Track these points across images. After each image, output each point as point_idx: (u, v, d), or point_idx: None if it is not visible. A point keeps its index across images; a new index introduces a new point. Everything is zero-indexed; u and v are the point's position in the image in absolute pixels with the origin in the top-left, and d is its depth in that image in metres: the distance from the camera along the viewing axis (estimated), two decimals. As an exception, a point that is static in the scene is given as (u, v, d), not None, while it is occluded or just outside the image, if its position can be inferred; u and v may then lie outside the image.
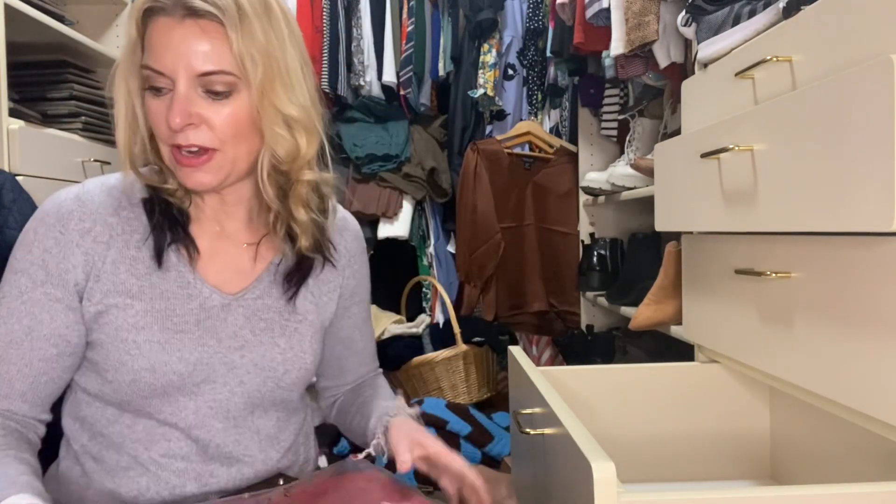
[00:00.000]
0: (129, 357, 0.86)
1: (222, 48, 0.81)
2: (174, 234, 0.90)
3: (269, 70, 0.83)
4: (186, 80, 0.81)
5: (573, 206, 2.52)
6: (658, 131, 1.96)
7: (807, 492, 0.73)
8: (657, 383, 1.30)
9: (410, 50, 2.69)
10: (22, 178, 1.61)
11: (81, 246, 0.86)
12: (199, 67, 0.80)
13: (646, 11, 1.59)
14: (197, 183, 0.86)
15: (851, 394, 0.85)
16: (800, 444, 1.20)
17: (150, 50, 0.82)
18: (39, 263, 0.86)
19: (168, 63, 0.81)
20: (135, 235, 0.89)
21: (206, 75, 0.81)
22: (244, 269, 0.95)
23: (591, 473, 0.70)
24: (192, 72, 0.81)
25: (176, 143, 0.83)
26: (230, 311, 0.92)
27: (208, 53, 0.80)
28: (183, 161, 0.84)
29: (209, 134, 0.83)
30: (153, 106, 0.84)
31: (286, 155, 0.87)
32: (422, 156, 2.75)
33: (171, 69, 0.81)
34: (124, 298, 0.87)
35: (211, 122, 0.83)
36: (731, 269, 1.12)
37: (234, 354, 0.91)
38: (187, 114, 0.81)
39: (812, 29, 0.93)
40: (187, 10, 0.80)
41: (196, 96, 0.82)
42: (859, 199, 0.77)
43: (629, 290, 1.89)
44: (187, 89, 0.81)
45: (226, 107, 0.83)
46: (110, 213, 0.89)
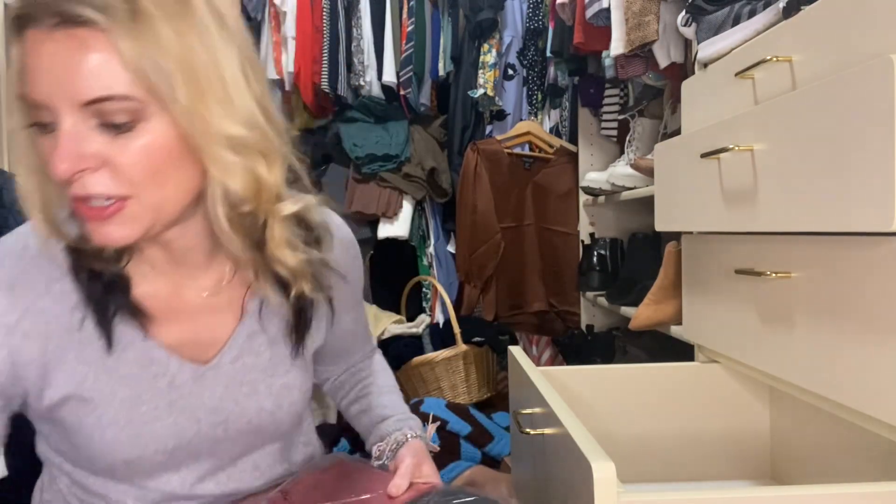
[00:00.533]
0: (100, 453, 0.75)
1: (113, 65, 0.60)
2: (115, 304, 0.73)
3: (195, 83, 0.63)
4: (70, 111, 0.61)
5: (573, 206, 2.53)
6: (658, 131, 1.96)
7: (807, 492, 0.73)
8: (657, 383, 1.30)
9: (410, 50, 2.69)
10: (22, 178, 1.60)
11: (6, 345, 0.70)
12: (82, 95, 0.60)
13: (646, 11, 1.59)
14: (106, 238, 0.66)
15: (851, 394, 0.85)
16: (800, 444, 1.20)
17: (24, 74, 0.62)
18: None
19: (43, 90, 0.61)
20: (76, 313, 0.72)
21: (95, 103, 0.61)
22: (215, 325, 0.80)
23: (591, 473, 0.70)
24: (74, 100, 0.61)
25: (73, 195, 0.64)
26: (205, 383, 0.78)
27: (94, 73, 0.60)
28: (86, 213, 0.65)
29: (113, 180, 0.64)
30: (42, 146, 0.64)
31: (245, 189, 0.68)
32: (422, 156, 2.75)
33: (47, 97, 0.61)
34: (80, 390, 0.73)
35: (114, 163, 0.63)
36: (731, 269, 1.12)
37: (217, 430, 0.79)
38: (77, 157, 0.62)
39: (812, 29, 0.93)
40: (59, 17, 0.60)
41: (89, 132, 0.62)
42: (859, 199, 0.77)
43: (629, 290, 1.89)
44: (74, 124, 0.61)
45: (133, 140, 0.63)
46: (41, 294, 0.71)
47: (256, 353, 0.81)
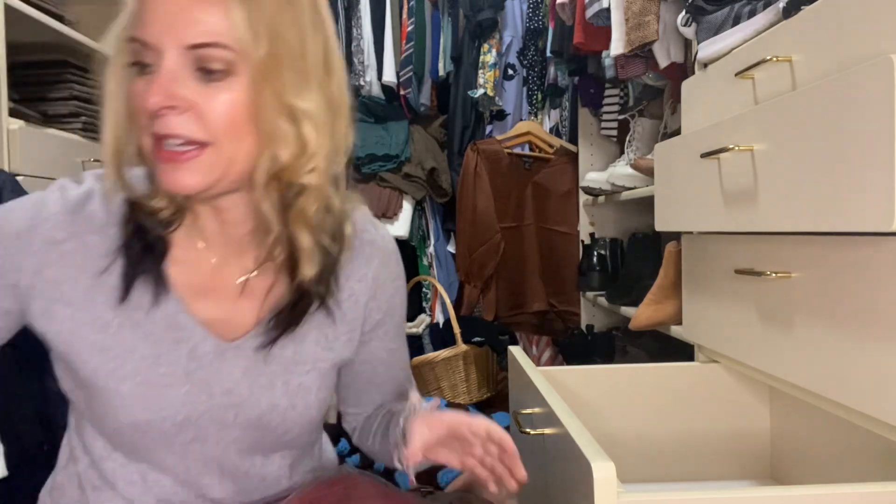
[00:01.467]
0: (112, 409, 0.74)
1: (221, 17, 0.66)
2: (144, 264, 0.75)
3: (276, 49, 0.67)
4: (175, 52, 0.66)
5: (573, 206, 2.52)
6: (658, 131, 1.96)
7: (807, 492, 0.73)
8: (657, 383, 1.30)
9: (410, 50, 2.69)
10: (22, 178, 1.60)
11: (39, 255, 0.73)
12: (190, 38, 0.65)
13: (646, 11, 1.59)
14: (176, 184, 0.68)
15: (851, 394, 0.85)
16: (800, 444, 1.20)
17: (137, 17, 0.68)
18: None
19: (155, 31, 0.66)
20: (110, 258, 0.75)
21: (199, 48, 0.66)
22: (246, 308, 0.80)
23: (591, 473, 0.70)
24: (181, 42, 0.65)
25: (154, 132, 0.67)
26: (225, 360, 0.78)
27: (205, 22, 0.65)
28: (164, 156, 0.68)
29: (197, 123, 0.67)
30: (136, 87, 0.68)
31: (290, 156, 0.70)
32: (422, 156, 2.75)
33: (157, 38, 0.66)
34: (102, 337, 0.74)
35: (200, 109, 0.67)
36: (731, 269, 1.12)
37: (228, 413, 0.78)
38: (170, 94, 0.65)
39: (812, 29, 0.93)
40: None
41: (186, 76, 0.66)
42: (859, 199, 0.77)
43: (629, 290, 1.89)
44: (175, 65, 0.66)
45: (222, 92, 0.67)
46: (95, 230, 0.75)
47: (281, 346, 0.80)
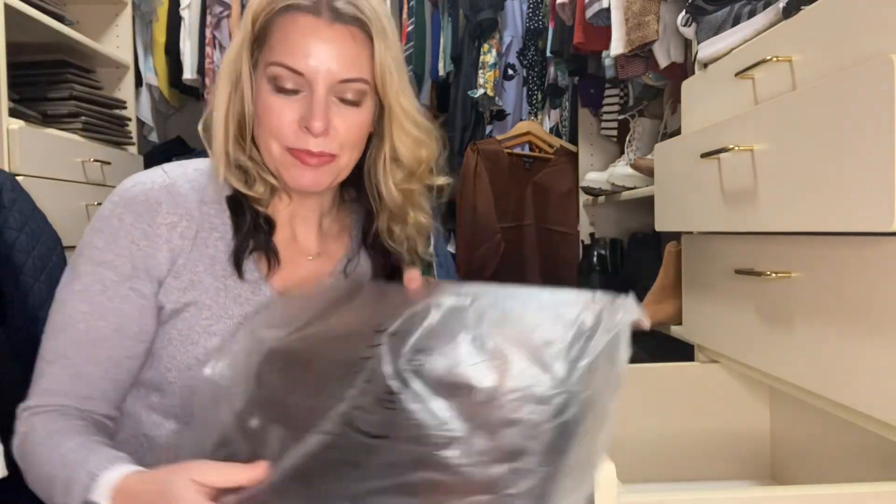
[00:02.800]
0: (196, 362, 0.82)
1: (364, 56, 0.81)
2: (257, 241, 0.86)
3: (402, 77, 0.84)
4: (327, 84, 0.80)
5: (573, 206, 2.52)
6: (658, 131, 1.96)
7: (807, 492, 0.73)
8: (657, 383, 1.30)
9: (410, 50, 2.69)
10: (22, 178, 1.60)
11: (169, 241, 0.82)
12: (342, 74, 0.80)
13: (646, 11, 1.59)
14: (312, 183, 0.84)
15: (851, 394, 0.85)
16: (800, 444, 1.20)
17: (286, 47, 0.80)
18: (126, 256, 0.81)
19: (310, 65, 0.79)
20: (213, 233, 0.85)
21: (345, 82, 0.80)
22: (309, 281, 0.91)
23: (591, 473, 0.70)
24: (334, 78, 0.79)
25: (305, 149, 0.81)
26: None
27: (353, 60, 0.80)
28: (304, 159, 0.82)
29: (335, 141, 0.82)
30: (275, 103, 0.81)
31: (411, 159, 0.88)
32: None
33: (312, 72, 0.79)
34: (202, 297, 0.84)
35: (338, 129, 0.82)
36: (731, 269, 1.12)
37: None
38: (327, 120, 0.80)
39: (812, 29, 0.93)
40: (335, 13, 0.79)
41: (330, 101, 0.81)
42: (859, 199, 0.77)
43: (629, 290, 1.88)
44: (327, 94, 0.80)
45: (355, 115, 0.82)
46: (195, 207, 0.85)
47: None
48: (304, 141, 0.81)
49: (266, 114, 0.82)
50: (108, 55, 2.28)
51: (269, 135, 0.82)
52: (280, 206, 0.90)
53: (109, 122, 2.21)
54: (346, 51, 0.80)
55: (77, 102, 2.02)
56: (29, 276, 1.42)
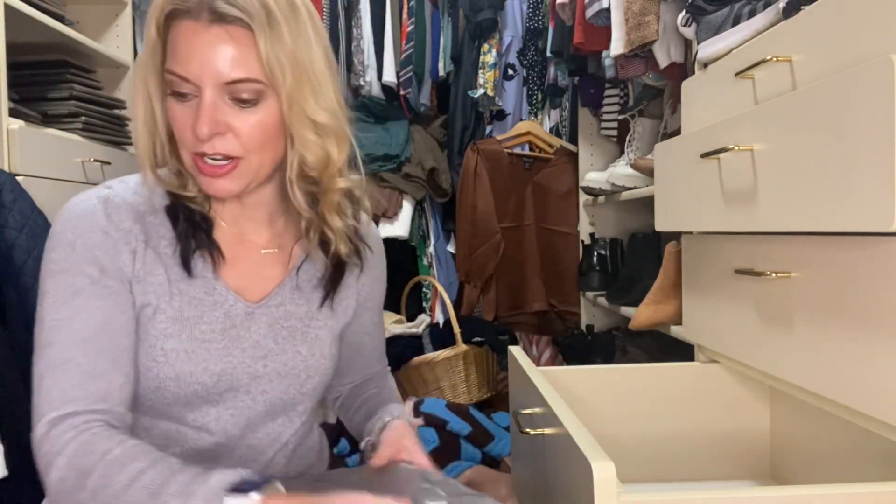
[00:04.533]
0: (156, 364, 0.84)
1: (250, 55, 0.78)
2: (198, 240, 0.88)
3: (299, 76, 0.80)
4: (213, 87, 0.78)
5: (573, 206, 2.52)
6: (658, 131, 1.96)
7: (807, 492, 0.73)
8: (657, 383, 1.30)
9: (410, 50, 2.68)
10: (22, 178, 1.60)
11: (128, 244, 0.84)
12: (226, 75, 0.78)
13: (646, 11, 1.59)
14: (220, 191, 0.83)
15: (851, 394, 0.85)
16: (800, 444, 1.21)
17: (173, 54, 0.79)
18: (90, 260, 0.82)
19: (193, 69, 0.78)
20: (161, 241, 0.87)
21: (234, 83, 0.78)
22: (265, 275, 0.93)
23: (591, 473, 0.70)
24: (219, 80, 0.78)
25: (201, 152, 0.81)
26: (253, 319, 0.91)
27: (236, 60, 0.78)
28: (205, 170, 0.82)
29: (235, 143, 0.81)
30: (176, 111, 0.81)
31: (316, 162, 0.85)
32: (422, 156, 2.75)
33: (196, 76, 0.78)
34: (158, 302, 0.85)
35: (237, 131, 0.80)
36: (731, 269, 1.12)
37: (258, 364, 0.90)
38: (214, 122, 0.79)
39: (812, 29, 0.93)
40: (214, 14, 0.77)
41: (222, 104, 0.79)
42: (859, 199, 0.77)
43: (629, 290, 1.89)
44: (214, 97, 0.79)
45: (253, 115, 0.80)
46: (139, 218, 0.86)
47: (296, 304, 0.94)
48: (199, 145, 0.80)
49: (172, 122, 0.82)
50: (108, 55, 2.27)
51: (179, 143, 0.83)
52: (222, 207, 0.91)
53: (109, 122, 2.20)
54: (227, 52, 0.77)
55: (77, 102, 2.01)
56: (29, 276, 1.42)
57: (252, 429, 0.92)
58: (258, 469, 0.91)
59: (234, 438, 0.90)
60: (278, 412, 0.93)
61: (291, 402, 0.94)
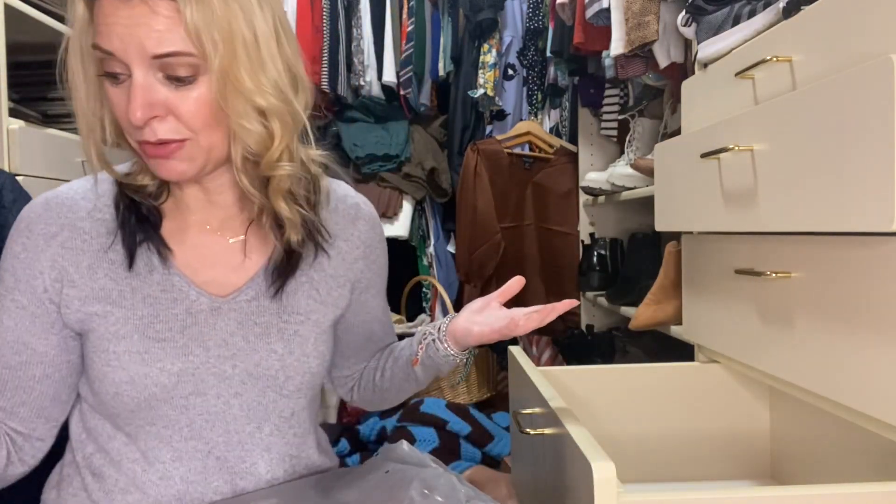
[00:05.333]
0: (110, 369, 0.80)
1: (178, 27, 0.71)
2: (144, 233, 0.83)
3: (233, 49, 0.72)
4: (142, 65, 0.71)
5: (573, 206, 2.52)
6: (658, 131, 1.96)
7: (807, 492, 0.73)
8: (657, 383, 1.30)
9: (410, 50, 2.68)
10: (22, 178, 1.60)
11: (47, 251, 0.81)
12: (152, 49, 0.70)
13: (646, 11, 1.59)
14: (171, 173, 0.77)
15: (851, 394, 0.85)
16: (800, 444, 1.20)
17: (98, 29, 0.73)
18: (9, 269, 0.82)
19: (117, 45, 0.71)
20: (109, 237, 0.83)
21: (163, 57, 0.71)
22: (236, 266, 0.86)
23: (591, 473, 0.70)
24: (145, 54, 0.71)
25: (142, 139, 0.75)
26: (220, 315, 0.84)
27: (162, 34, 0.70)
28: (150, 152, 0.75)
29: (176, 124, 0.74)
30: (113, 95, 0.75)
31: (255, 145, 0.77)
32: (422, 156, 2.75)
33: (122, 52, 0.71)
34: (104, 305, 0.81)
35: (177, 111, 0.73)
36: (731, 269, 1.12)
37: (225, 364, 0.83)
38: (149, 105, 0.72)
39: (812, 29, 0.93)
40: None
41: (157, 83, 0.72)
42: (859, 199, 0.77)
43: (629, 290, 1.89)
44: (145, 77, 0.72)
45: (192, 91, 0.73)
46: (81, 217, 0.83)
47: (271, 298, 0.87)
48: (138, 132, 0.74)
49: (111, 107, 0.76)
50: (108, 55, 2.27)
51: (123, 127, 0.77)
52: (183, 194, 0.85)
53: (109, 122, 2.21)
54: (152, 24, 0.70)
55: (77, 102, 2.01)
56: (29, 276, 1.41)
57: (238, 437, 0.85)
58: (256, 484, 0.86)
59: (217, 447, 0.84)
60: (262, 419, 0.86)
61: (273, 406, 0.87)
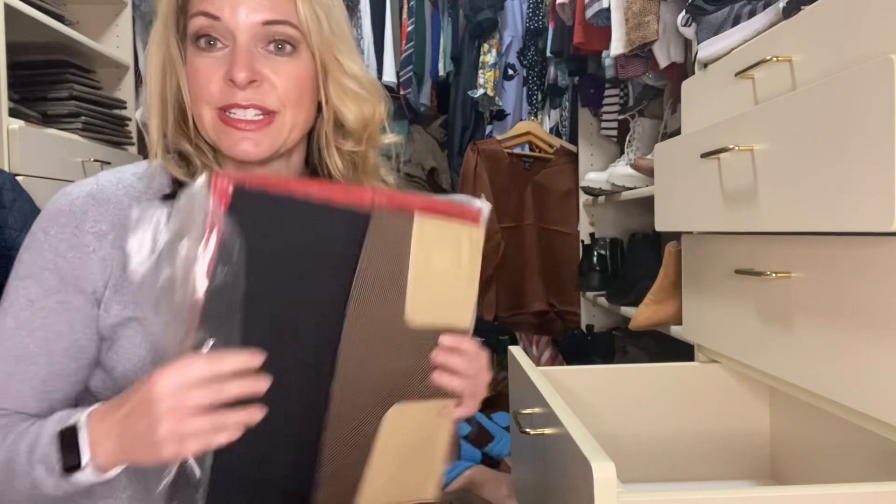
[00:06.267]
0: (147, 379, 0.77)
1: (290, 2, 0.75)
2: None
3: (334, 29, 0.77)
4: (249, 30, 0.73)
5: (573, 206, 2.52)
6: (658, 131, 1.96)
7: (807, 492, 0.73)
8: (657, 383, 1.30)
9: (410, 50, 2.69)
10: (22, 178, 1.60)
11: (98, 251, 0.76)
12: (263, 15, 0.73)
13: (646, 11, 1.59)
14: (247, 151, 0.76)
15: (851, 394, 0.85)
16: (800, 444, 1.20)
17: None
18: (52, 269, 0.75)
19: (227, 10, 0.73)
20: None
21: (271, 24, 0.74)
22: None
23: (591, 473, 0.70)
24: (255, 19, 0.73)
25: (231, 104, 0.74)
26: None
27: (276, 3, 0.74)
28: (236, 123, 0.75)
29: (271, 94, 0.75)
30: (201, 65, 0.75)
31: (355, 119, 0.80)
32: (422, 156, 2.76)
33: (229, 14, 0.73)
34: (146, 311, 0.76)
35: (273, 82, 0.75)
36: (731, 269, 1.11)
37: None
38: (252, 69, 0.73)
39: (812, 29, 0.93)
40: None
41: (257, 53, 0.74)
42: (859, 199, 0.77)
43: (629, 290, 1.89)
44: (250, 41, 0.74)
45: (289, 64, 0.76)
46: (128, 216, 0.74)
47: None
48: (232, 95, 0.74)
49: (193, 78, 0.76)
50: (108, 55, 2.28)
51: (199, 100, 0.76)
52: None
53: (109, 122, 2.21)
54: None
55: (77, 102, 2.01)
56: (29, 276, 1.41)
57: None
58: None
59: None
60: None
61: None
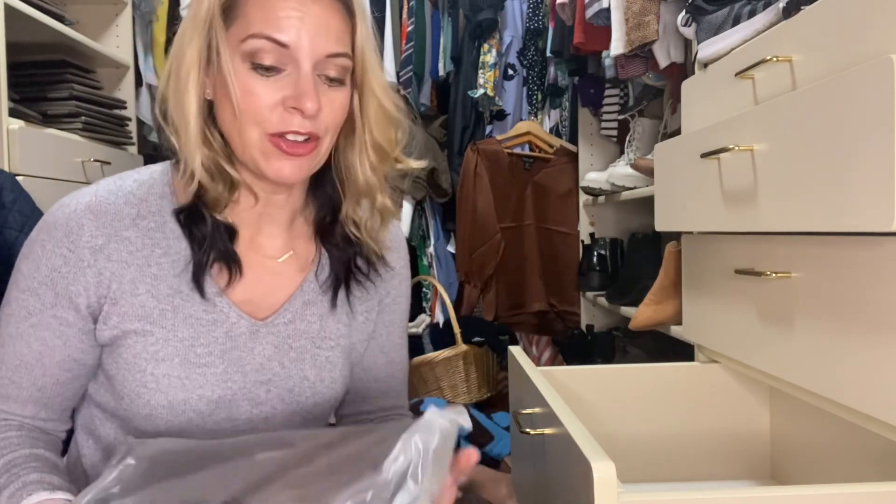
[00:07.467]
0: (146, 391, 0.78)
1: (347, 31, 0.78)
2: (217, 251, 0.79)
3: (376, 61, 0.82)
4: (313, 60, 0.75)
5: (573, 206, 2.52)
6: (658, 131, 1.96)
7: (807, 492, 0.73)
8: (657, 383, 1.30)
9: (410, 50, 2.69)
10: (22, 178, 1.60)
11: (94, 266, 0.76)
12: (329, 48, 0.75)
13: (646, 11, 1.59)
14: (293, 174, 0.77)
15: (851, 394, 0.85)
16: (800, 444, 1.20)
17: (268, 18, 0.73)
18: (48, 283, 0.77)
19: (295, 36, 0.73)
20: (155, 250, 0.79)
21: (334, 57, 0.76)
22: (275, 287, 0.84)
23: (591, 473, 0.70)
24: (320, 52, 0.75)
25: (291, 130, 0.75)
26: (258, 339, 0.82)
27: (340, 35, 0.77)
28: (287, 148, 0.76)
29: (321, 122, 0.77)
30: (256, 85, 0.74)
31: (386, 140, 0.83)
32: (422, 156, 2.75)
33: (296, 43, 0.74)
34: (143, 324, 0.78)
35: (324, 111, 0.77)
36: (731, 269, 1.11)
37: (260, 389, 0.82)
38: (317, 97, 0.75)
39: (812, 29, 0.93)
40: None
41: (317, 79, 0.77)
42: (859, 199, 0.77)
43: (629, 290, 1.89)
44: (312, 71, 0.75)
45: (339, 95, 0.78)
46: (127, 226, 0.78)
47: (308, 322, 0.86)
48: (290, 122, 0.75)
49: (245, 97, 0.74)
50: (108, 55, 2.28)
51: (249, 120, 0.75)
52: (243, 207, 0.82)
53: (109, 122, 2.21)
54: (332, 23, 0.76)
55: (77, 102, 2.01)
56: (29, 276, 1.41)
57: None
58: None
59: None
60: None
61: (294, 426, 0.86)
